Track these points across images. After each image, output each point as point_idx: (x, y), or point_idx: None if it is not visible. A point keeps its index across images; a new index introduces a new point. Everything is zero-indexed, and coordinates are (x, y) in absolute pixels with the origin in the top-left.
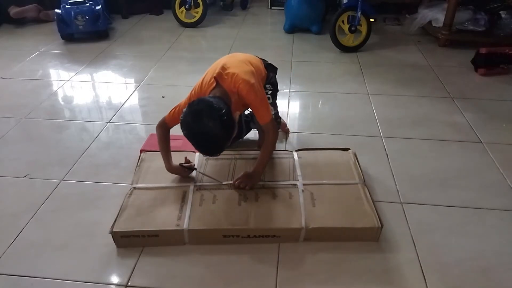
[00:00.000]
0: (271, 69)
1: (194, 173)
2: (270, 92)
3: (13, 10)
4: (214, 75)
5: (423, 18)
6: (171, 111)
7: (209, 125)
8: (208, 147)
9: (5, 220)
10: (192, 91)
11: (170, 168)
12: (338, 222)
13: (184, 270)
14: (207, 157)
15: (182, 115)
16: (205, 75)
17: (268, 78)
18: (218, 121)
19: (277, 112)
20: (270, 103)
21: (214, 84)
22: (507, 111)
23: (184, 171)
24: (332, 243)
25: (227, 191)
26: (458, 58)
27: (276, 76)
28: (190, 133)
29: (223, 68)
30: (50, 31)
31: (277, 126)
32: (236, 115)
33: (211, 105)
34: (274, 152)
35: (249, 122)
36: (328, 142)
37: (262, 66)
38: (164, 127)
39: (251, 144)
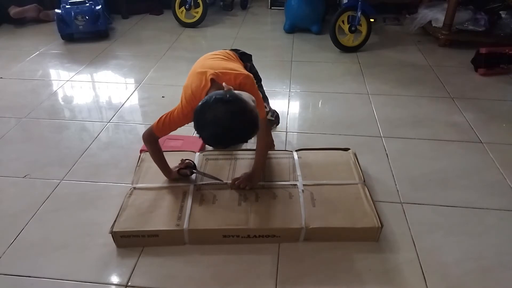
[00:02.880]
0: (246, 59)
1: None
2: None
3: (13, 10)
4: (210, 76)
5: (423, 18)
6: (159, 120)
7: (248, 109)
8: (244, 131)
9: (5, 220)
10: (182, 101)
11: (171, 178)
12: (338, 222)
13: (184, 270)
14: (206, 155)
15: (204, 104)
16: (193, 83)
17: (247, 69)
18: (255, 116)
19: (268, 103)
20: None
21: (209, 84)
22: (507, 111)
23: (184, 177)
24: (332, 243)
25: (227, 191)
26: (458, 58)
27: (276, 77)
28: (222, 117)
29: (213, 68)
30: (50, 31)
31: (276, 121)
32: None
33: (237, 95)
34: (274, 152)
35: None
36: (328, 142)
37: (237, 58)
38: (154, 140)
39: (251, 144)
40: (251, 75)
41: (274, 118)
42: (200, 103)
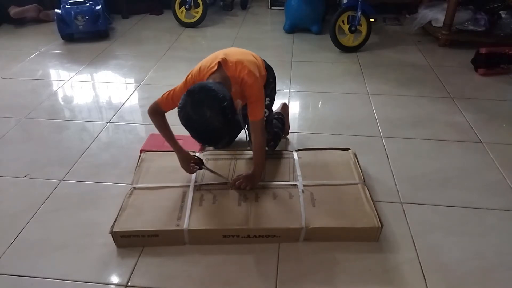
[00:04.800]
0: (270, 73)
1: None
2: (267, 102)
3: (13, 10)
4: (219, 59)
5: (423, 18)
6: (164, 95)
7: (211, 118)
8: (209, 139)
9: (5, 220)
10: (188, 75)
11: (182, 155)
12: (338, 222)
13: (184, 270)
14: (206, 155)
15: (181, 103)
16: (204, 62)
17: (269, 87)
18: (221, 113)
19: (275, 127)
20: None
21: (216, 67)
22: (507, 111)
23: (194, 166)
24: (332, 243)
25: (227, 191)
26: (458, 58)
27: (276, 77)
28: (190, 124)
29: (228, 55)
30: (50, 31)
31: (272, 147)
32: (237, 103)
33: (215, 95)
34: (274, 152)
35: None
36: (328, 142)
37: (263, 65)
38: (159, 113)
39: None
40: (256, 75)
41: (268, 148)
42: (179, 104)
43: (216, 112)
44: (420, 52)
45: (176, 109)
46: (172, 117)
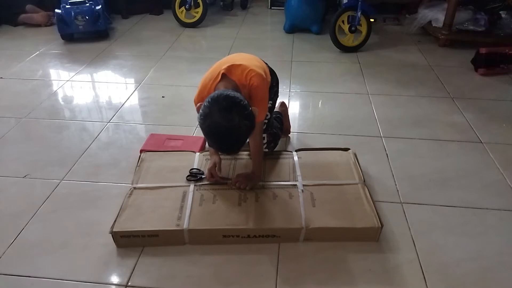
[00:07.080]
0: (274, 78)
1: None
2: (269, 105)
3: (22, 14)
4: (222, 71)
5: (423, 18)
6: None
7: (239, 123)
8: (233, 145)
9: (5, 220)
10: (198, 90)
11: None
12: (338, 222)
13: (184, 270)
14: (206, 156)
15: (204, 112)
16: (207, 74)
17: (272, 91)
18: (247, 118)
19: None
20: (267, 123)
21: (219, 79)
22: (507, 111)
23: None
24: (332, 243)
25: (227, 191)
26: (458, 58)
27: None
28: (216, 131)
29: (234, 61)
30: (50, 31)
31: (271, 149)
32: (255, 110)
33: (239, 102)
34: (274, 152)
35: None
36: (328, 142)
37: (267, 70)
38: None
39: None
40: (263, 76)
41: (268, 149)
42: (200, 110)
43: (243, 118)
44: (420, 52)
45: (176, 111)
46: (173, 117)
